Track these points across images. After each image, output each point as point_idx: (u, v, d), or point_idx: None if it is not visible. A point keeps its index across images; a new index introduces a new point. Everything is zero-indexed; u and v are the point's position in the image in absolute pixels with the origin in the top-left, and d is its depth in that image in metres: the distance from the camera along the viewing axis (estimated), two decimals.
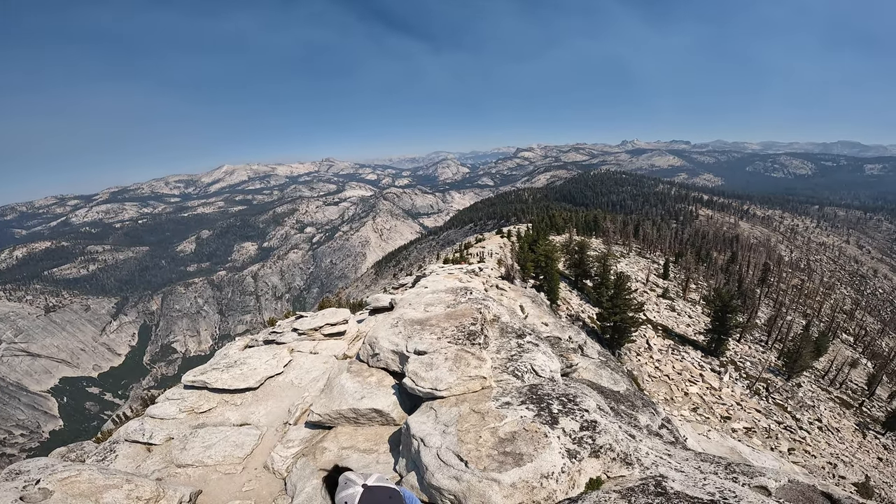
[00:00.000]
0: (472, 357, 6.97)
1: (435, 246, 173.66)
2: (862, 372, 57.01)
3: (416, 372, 6.83)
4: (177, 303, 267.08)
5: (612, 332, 34.84)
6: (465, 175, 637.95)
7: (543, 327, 24.31)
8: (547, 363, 7.76)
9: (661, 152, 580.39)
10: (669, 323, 47.42)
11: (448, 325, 8.78)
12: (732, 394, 33.89)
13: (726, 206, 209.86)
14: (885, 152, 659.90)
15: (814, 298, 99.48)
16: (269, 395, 9.32)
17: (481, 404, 5.90)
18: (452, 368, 6.71)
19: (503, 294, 28.31)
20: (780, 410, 34.00)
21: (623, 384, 11.68)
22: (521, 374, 7.29)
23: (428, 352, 7.52)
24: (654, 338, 40.99)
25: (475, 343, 8.02)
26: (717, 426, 27.06)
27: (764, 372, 40.74)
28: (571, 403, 5.70)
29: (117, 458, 7.94)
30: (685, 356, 38.50)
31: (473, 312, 9.41)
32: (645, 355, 36.60)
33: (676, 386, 32.49)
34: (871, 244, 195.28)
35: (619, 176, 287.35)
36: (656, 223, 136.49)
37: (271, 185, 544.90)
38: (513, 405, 5.77)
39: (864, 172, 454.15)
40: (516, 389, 6.30)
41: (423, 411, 6.13)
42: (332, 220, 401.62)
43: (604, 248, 74.42)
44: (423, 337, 8.31)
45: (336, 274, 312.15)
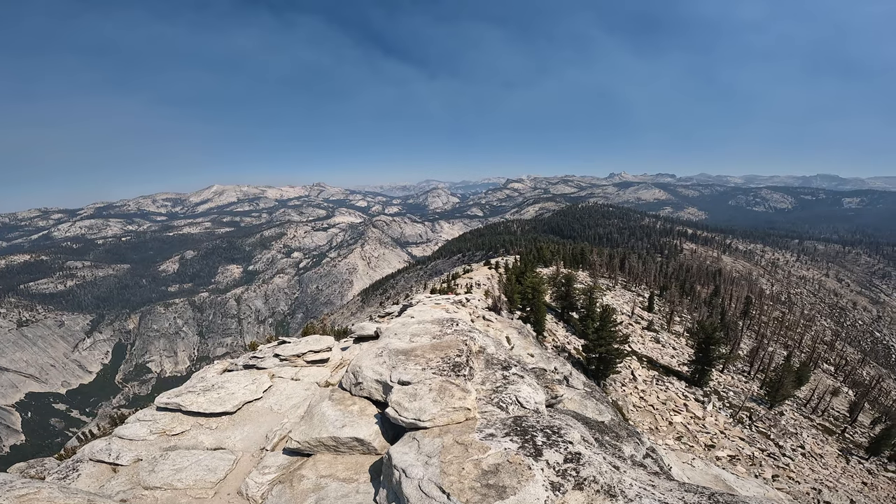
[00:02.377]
0: (456, 388, 6.91)
1: (423, 275, 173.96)
2: (843, 400, 57.66)
3: (400, 402, 6.75)
4: (155, 322, 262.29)
5: (598, 364, 34.83)
6: (456, 205, 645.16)
7: (529, 358, 24.26)
8: (532, 395, 7.70)
9: (648, 185, 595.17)
10: (654, 354, 47.62)
11: (433, 356, 8.74)
12: (716, 422, 33.90)
13: (710, 240, 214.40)
14: (863, 185, 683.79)
15: (795, 330, 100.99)
16: (247, 421, 9.10)
17: (465, 436, 5.81)
18: (436, 399, 6.64)
19: (490, 325, 28.31)
20: (763, 438, 34.02)
21: (608, 414, 11.66)
22: (505, 405, 7.24)
23: (412, 382, 7.44)
24: (639, 369, 41.07)
25: (460, 374, 7.98)
26: (701, 454, 26.94)
27: (747, 401, 40.93)
28: (556, 435, 5.64)
29: (80, 476, 7.63)
30: (669, 386, 38.56)
31: (459, 344, 9.38)
32: (630, 386, 36.58)
33: (661, 415, 32.42)
34: (850, 277, 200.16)
35: (606, 209, 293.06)
36: (642, 257, 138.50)
37: (260, 208, 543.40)
38: (497, 437, 5.69)
39: (842, 206, 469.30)
40: (501, 421, 6.23)
41: (406, 441, 6.01)
42: (321, 246, 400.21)
43: (590, 281, 75.11)
44: (407, 367, 8.27)
45: (322, 300, 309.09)
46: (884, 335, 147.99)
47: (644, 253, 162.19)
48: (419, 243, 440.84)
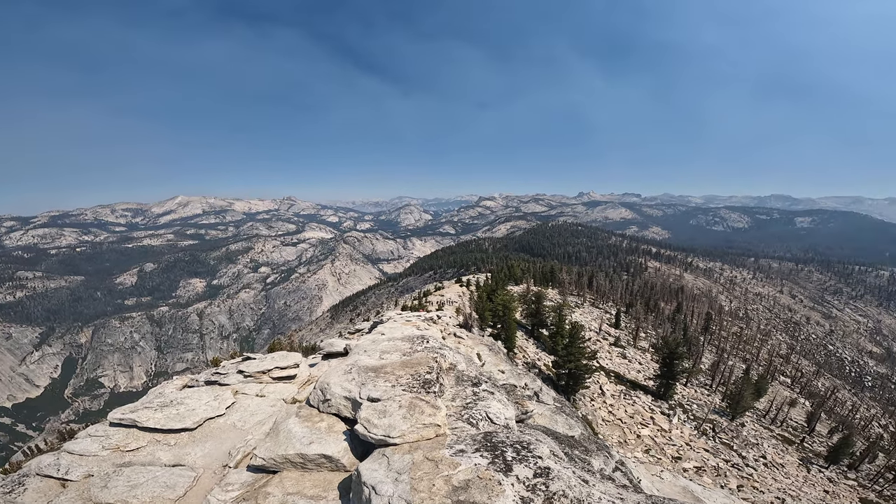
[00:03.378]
0: (426, 405, 6.93)
1: (394, 292, 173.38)
2: (801, 411, 60.12)
3: (369, 419, 6.70)
4: (109, 336, 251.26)
5: (568, 379, 35.23)
6: (428, 222, 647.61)
7: (500, 375, 24.33)
8: (502, 411, 7.75)
9: (615, 205, 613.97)
10: (621, 369, 48.57)
11: (403, 373, 8.71)
12: (682, 435, 34.69)
13: (672, 259, 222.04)
14: (814, 205, 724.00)
15: (752, 344, 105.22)
16: (209, 437, 8.81)
17: (435, 452, 5.80)
18: (406, 416, 6.64)
19: (461, 342, 28.30)
20: (726, 449, 35.01)
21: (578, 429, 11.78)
22: (476, 421, 7.25)
23: (382, 399, 7.42)
24: (607, 384, 41.77)
25: (430, 391, 7.97)
26: (669, 466, 27.47)
27: (710, 413, 42.14)
28: (525, 450, 5.69)
29: (26, 491, 7.22)
30: (636, 400, 39.33)
31: (429, 361, 9.38)
32: (599, 400, 37.12)
33: (629, 429, 32.97)
34: (803, 294, 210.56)
35: (575, 228, 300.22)
36: (609, 275, 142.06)
37: (227, 221, 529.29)
38: (467, 453, 5.70)
39: (795, 225, 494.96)
40: (471, 437, 6.25)
41: (376, 458, 5.95)
42: (289, 261, 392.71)
43: (559, 299, 76.35)
44: (377, 384, 8.20)
45: (290, 316, 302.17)
46: (836, 348, 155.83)
47: (611, 271, 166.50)
48: (391, 260, 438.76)
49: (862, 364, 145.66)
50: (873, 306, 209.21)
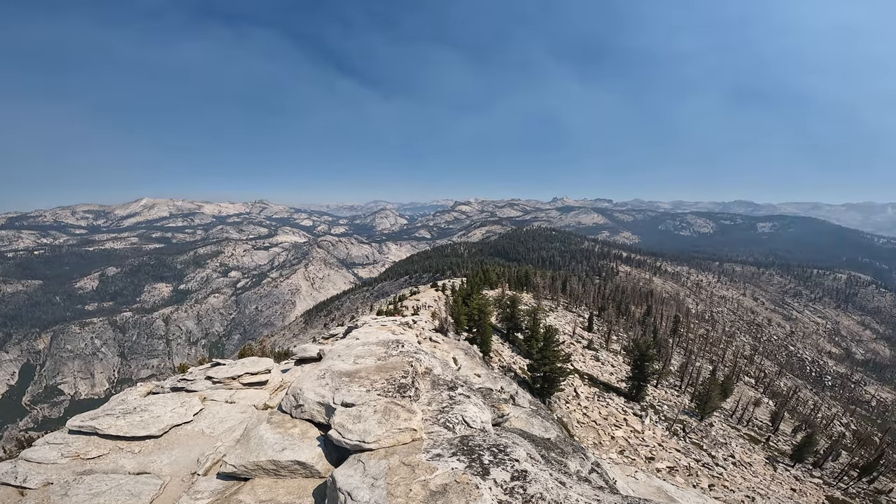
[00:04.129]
0: (402, 409, 6.84)
1: (369, 297, 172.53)
2: (765, 410, 62.38)
3: (343, 424, 6.57)
4: (69, 342, 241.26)
5: (543, 382, 35.52)
6: (404, 226, 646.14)
7: (476, 378, 24.36)
8: (478, 414, 7.74)
9: (587, 210, 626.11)
10: (594, 372, 49.35)
11: (378, 378, 8.64)
12: (654, 435, 35.43)
13: (642, 263, 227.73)
14: (775, 211, 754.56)
15: (718, 346, 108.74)
16: (175, 444, 8.53)
17: (412, 456, 5.72)
18: (381, 421, 6.54)
19: (436, 346, 28.25)
20: (697, 449, 35.94)
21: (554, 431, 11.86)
22: (452, 425, 7.23)
23: (356, 404, 7.30)
24: (582, 386, 42.36)
25: (406, 395, 7.93)
26: (643, 467, 27.94)
27: (680, 414, 43.24)
28: (502, 454, 5.67)
29: None
30: (610, 402, 40.01)
31: (405, 365, 9.33)
32: (573, 403, 37.57)
33: (603, 430, 33.47)
34: (765, 296, 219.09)
35: (549, 233, 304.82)
36: (582, 279, 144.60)
37: (195, 224, 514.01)
38: (444, 457, 5.65)
39: (757, 230, 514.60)
40: (447, 441, 6.20)
41: (351, 464, 5.82)
42: (261, 266, 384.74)
43: (534, 303, 77.16)
44: (351, 389, 8.09)
45: (261, 321, 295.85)
46: (797, 349, 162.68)
47: (584, 275, 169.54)
48: (366, 264, 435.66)
49: (822, 364, 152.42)
50: (831, 308, 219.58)
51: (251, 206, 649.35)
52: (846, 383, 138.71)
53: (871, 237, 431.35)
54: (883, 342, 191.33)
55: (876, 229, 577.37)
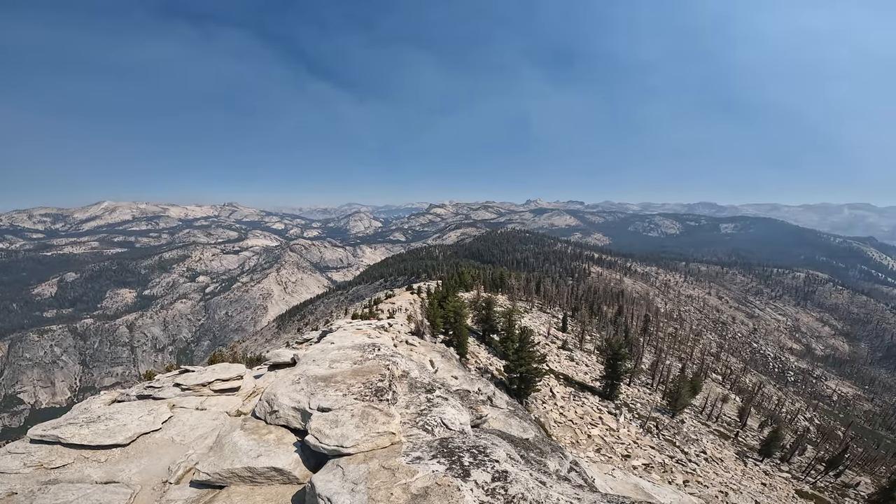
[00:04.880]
0: (379, 413, 6.86)
1: (343, 301, 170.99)
2: (733, 406, 64.55)
3: (320, 429, 6.53)
4: (27, 351, 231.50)
5: (519, 383, 35.82)
6: (378, 229, 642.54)
7: (453, 381, 24.34)
8: (457, 416, 7.80)
9: (560, 212, 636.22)
10: (569, 372, 50.09)
11: (354, 382, 8.61)
12: (629, 433, 36.18)
13: (613, 264, 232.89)
14: (737, 212, 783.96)
15: (686, 344, 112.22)
16: (144, 453, 8.34)
17: (391, 460, 5.72)
18: (359, 425, 6.53)
19: (413, 349, 28.14)
20: (670, 446, 36.87)
21: (532, 431, 11.94)
22: (431, 428, 7.24)
23: (333, 408, 7.25)
24: (557, 386, 42.90)
25: (383, 399, 7.92)
26: (619, 464, 28.46)
27: (653, 411, 44.30)
28: (482, 455, 5.70)
29: None
30: (585, 401, 40.65)
31: (381, 369, 9.34)
32: (550, 403, 38.01)
33: (580, 429, 33.97)
34: (729, 295, 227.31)
35: (523, 235, 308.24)
36: (555, 280, 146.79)
37: (160, 228, 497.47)
38: (424, 460, 5.66)
39: (720, 231, 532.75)
40: (427, 444, 6.21)
41: (330, 469, 5.78)
42: (231, 270, 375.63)
43: (509, 304, 77.81)
44: (327, 394, 8.02)
45: (232, 327, 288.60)
46: (760, 346, 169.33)
47: (557, 276, 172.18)
48: (340, 268, 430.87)
49: (784, 360, 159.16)
50: (791, 306, 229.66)
51: (220, 210, 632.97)
52: (808, 378, 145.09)
53: (827, 237, 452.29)
54: (841, 338, 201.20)
55: (832, 229, 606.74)
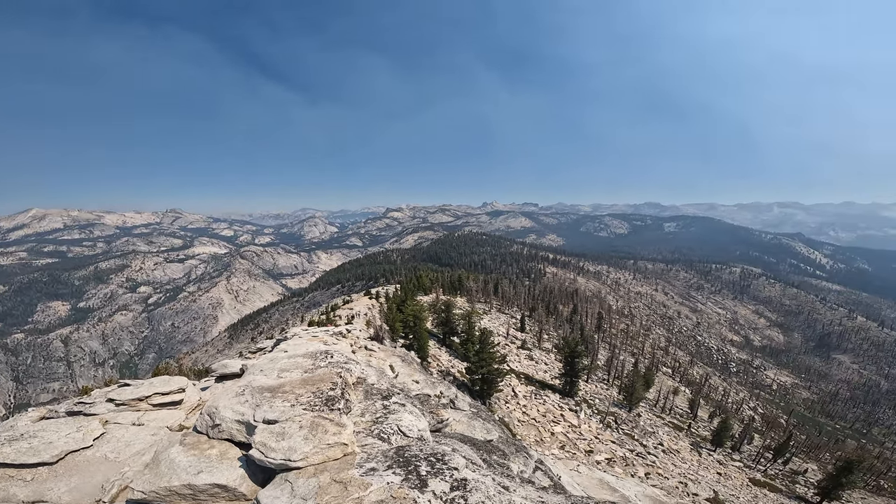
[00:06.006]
0: (330, 423, 6.57)
1: (299, 308, 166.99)
2: (683, 398, 67.64)
3: (265, 442, 6.18)
4: None
5: (481, 384, 35.86)
6: (334, 234, 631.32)
7: (414, 385, 24.08)
8: (414, 422, 7.66)
9: (515, 214, 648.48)
10: (530, 371, 50.78)
11: (304, 392, 8.29)
12: (590, 429, 37.02)
13: (567, 264, 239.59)
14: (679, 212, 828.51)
15: (637, 339, 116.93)
16: (75, 471, 7.87)
17: (343, 473, 5.46)
18: (308, 437, 6.19)
19: (372, 355, 27.59)
20: (630, 439, 38.05)
21: (495, 432, 11.80)
22: (387, 436, 7.04)
23: (279, 420, 6.86)
24: (519, 385, 43.33)
25: (334, 408, 7.62)
26: (583, 460, 28.92)
27: (611, 406, 45.67)
28: (440, 463, 5.51)
29: None
30: (546, 399, 41.26)
31: (333, 377, 9.08)
32: (513, 402, 38.29)
33: (543, 427, 34.38)
34: (674, 291, 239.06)
35: (480, 237, 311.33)
36: (512, 281, 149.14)
37: (95, 236, 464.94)
38: (378, 471, 5.42)
39: (664, 230, 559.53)
40: (382, 453, 5.98)
41: (278, 484, 5.48)
42: (176, 280, 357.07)
43: (468, 307, 78.15)
44: (273, 405, 7.59)
45: (179, 338, 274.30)
46: (704, 339, 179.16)
47: (514, 277, 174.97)
48: (295, 275, 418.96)
49: (726, 352, 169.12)
50: (729, 299, 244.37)
51: (162, 216, 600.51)
52: (748, 369, 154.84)
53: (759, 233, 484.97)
54: (776, 329, 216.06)
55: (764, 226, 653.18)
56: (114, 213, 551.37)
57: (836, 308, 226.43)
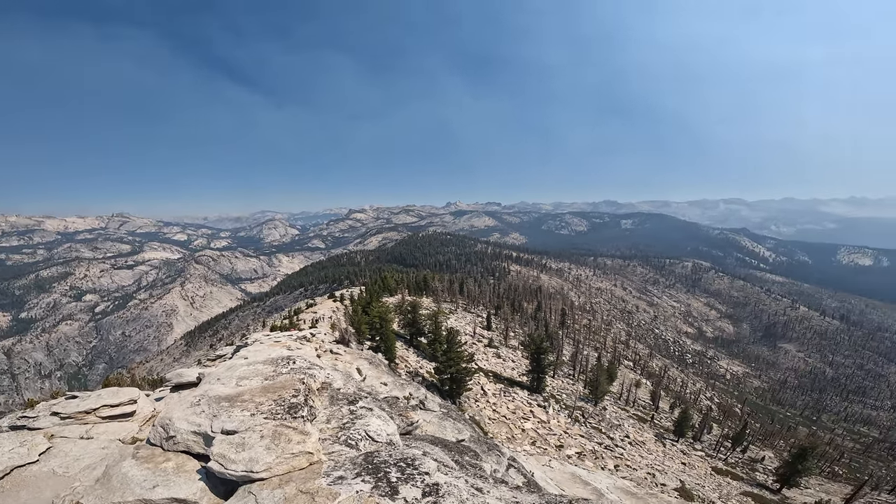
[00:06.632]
0: (293, 432, 6.27)
1: (261, 313, 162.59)
2: (645, 390, 69.92)
3: (224, 454, 5.88)
4: None
5: (451, 384, 35.79)
6: (295, 237, 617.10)
7: (382, 387, 23.78)
8: (383, 427, 7.51)
9: (479, 214, 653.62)
10: (497, 368, 51.18)
11: (264, 400, 7.99)
12: (559, 424, 37.66)
13: (530, 262, 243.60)
14: (634, 209, 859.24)
15: (599, 334, 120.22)
16: (21, 487, 7.49)
17: (310, 483, 5.22)
18: (270, 446, 5.90)
19: (338, 358, 27.05)
20: (597, 433, 38.97)
21: (467, 432, 11.74)
22: (355, 442, 6.82)
23: (239, 430, 6.54)
24: (488, 384, 43.57)
25: (297, 416, 7.39)
26: (555, 455, 29.34)
27: (577, 401, 46.65)
28: (411, 468, 5.35)
29: None
30: (515, 396, 41.67)
31: (295, 383, 8.80)
32: (482, 401, 38.44)
33: (514, 424, 34.68)
34: (632, 286, 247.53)
35: (445, 237, 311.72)
36: (477, 280, 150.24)
37: (35, 243, 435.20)
38: (347, 479, 5.19)
39: (621, 227, 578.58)
40: (350, 460, 5.76)
41: (241, 497, 5.25)
42: (125, 287, 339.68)
43: (434, 307, 78.04)
44: (232, 414, 7.27)
45: (131, 348, 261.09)
46: (661, 331, 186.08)
47: (479, 276, 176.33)
48: (255, 279, 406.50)
49: (682, 344, 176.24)
50: (683, 293, 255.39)
51: (108, 221, 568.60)
52: (703, 359, 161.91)
53: (707, 229, 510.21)
54: (726, 320, 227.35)
55: (712, 222, 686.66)
56: (55, 219, 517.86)
57: (780, 299, 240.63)
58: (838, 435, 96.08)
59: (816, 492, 42.84)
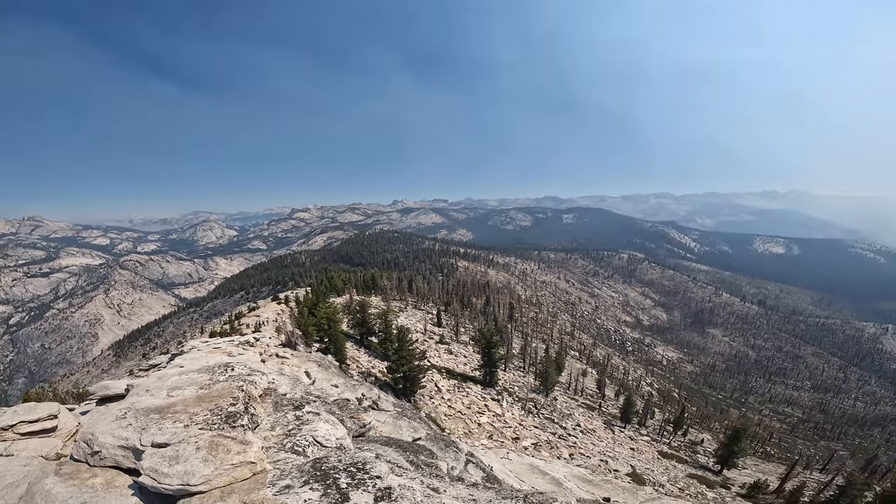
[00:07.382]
0: (233, 442, 5.92)
1: (198, 319, 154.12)
2: (591, 379, 72.76)
3: (157, 468, 5.51)
4: None
5: (404, 382, 35.49)
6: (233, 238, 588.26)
7: (333, 389, 23.15)
8: (331, 431, 7.28)
9: (426, 211, 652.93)
10: (450, 365, 51.42)
11: (199, 410, 7.56)
12: (513, 416, 38.36)
13: (477, 257, 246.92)
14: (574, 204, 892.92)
15: (546, 326, 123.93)
16: None
17: (254, 493, 4.97)
18: (208, 458, 5.53)
19: (285, 362, 26.00)
20: (550, 423, 40.07)
21: (423, 430, 11.60)
22: (302, 448, 6.54)
23: (171, 443, 6.09)
24: (441, 380, 43.63)
25: (237, 425, 7.02)
26: (512, 447, 29.79)
27: (529, 393, 47.78)
28: (361, 472, 5.17)
29: None
30: (469, 391, 42.04)
31: (233, 391, 8.42)
32: (437, 397, 38.45)
33: (469, 419, 34.95)
34: (574, 278, 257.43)
35: (392, 235, 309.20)
36: (426, 277, 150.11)
37: None
38: (294, 488, 4.94)
39: (563, 222, 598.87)
40: (297, 468, 5.48)
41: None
42: (41, 296, 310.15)
43: (384, 305, 77.10)
44: (163, 427, 6.79)
45: (53, 360, 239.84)
46: (602, 321, 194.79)
47: (428, 273, 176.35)
48: (189, 283, 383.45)
49: (622, 332, 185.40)
50: (620, 283, 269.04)
51: (18, 225, 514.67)
52: (642, 347, 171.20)
53: (641, 222, 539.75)
54: (660, 308, 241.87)
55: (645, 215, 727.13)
56: None
57: (705, 286, 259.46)
58: (766, 416, 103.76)
59: (753, 472, 46.05)
